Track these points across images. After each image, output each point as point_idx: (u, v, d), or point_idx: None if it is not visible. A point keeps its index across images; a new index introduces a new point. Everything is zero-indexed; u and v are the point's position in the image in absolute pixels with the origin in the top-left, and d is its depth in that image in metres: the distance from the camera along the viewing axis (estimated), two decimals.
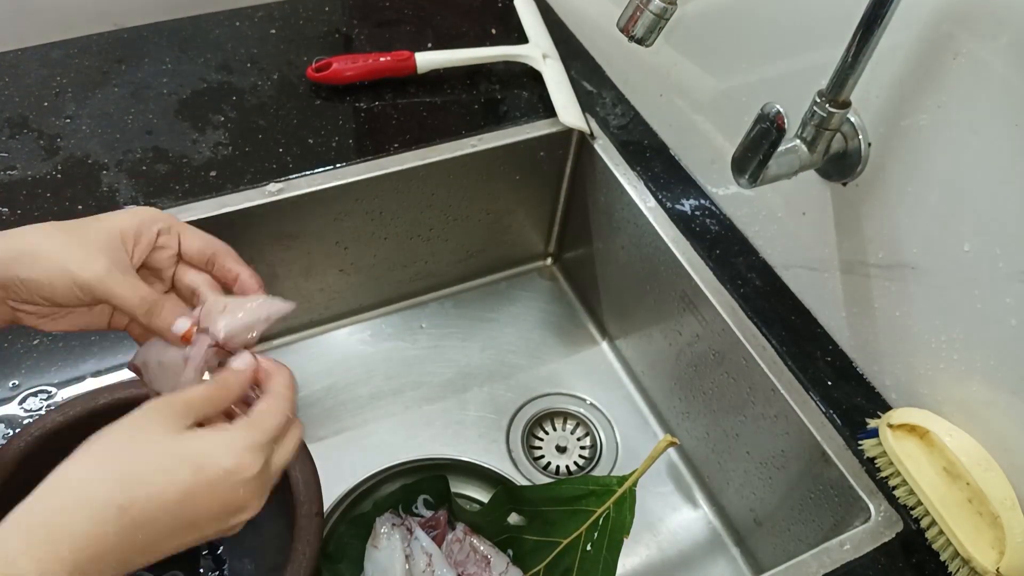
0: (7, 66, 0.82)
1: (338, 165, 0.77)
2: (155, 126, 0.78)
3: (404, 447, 0.81)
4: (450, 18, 0.95)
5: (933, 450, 0.58)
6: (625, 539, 0.59)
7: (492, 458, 0.81)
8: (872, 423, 0.62)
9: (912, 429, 0.59)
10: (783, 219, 0.70)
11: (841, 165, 0.61)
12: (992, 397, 0.55)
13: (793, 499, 0.68)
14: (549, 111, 0.84)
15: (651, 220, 0.77)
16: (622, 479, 0.61)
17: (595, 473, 0.82)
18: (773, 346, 0.68)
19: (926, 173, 0.56)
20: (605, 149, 0.82)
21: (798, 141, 0.57)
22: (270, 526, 0.58)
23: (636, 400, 0.88)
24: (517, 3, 0.95)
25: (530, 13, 0.93)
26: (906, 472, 0.58)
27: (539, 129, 0.83)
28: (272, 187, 0.74)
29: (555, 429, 0.85)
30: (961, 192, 0.54)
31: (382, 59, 0.84)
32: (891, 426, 0.59)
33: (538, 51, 0.88)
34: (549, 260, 0.99)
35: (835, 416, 0.64)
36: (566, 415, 0.86)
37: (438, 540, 0.65)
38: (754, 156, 0.55)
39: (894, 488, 0.60)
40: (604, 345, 0.93)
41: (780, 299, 0.71)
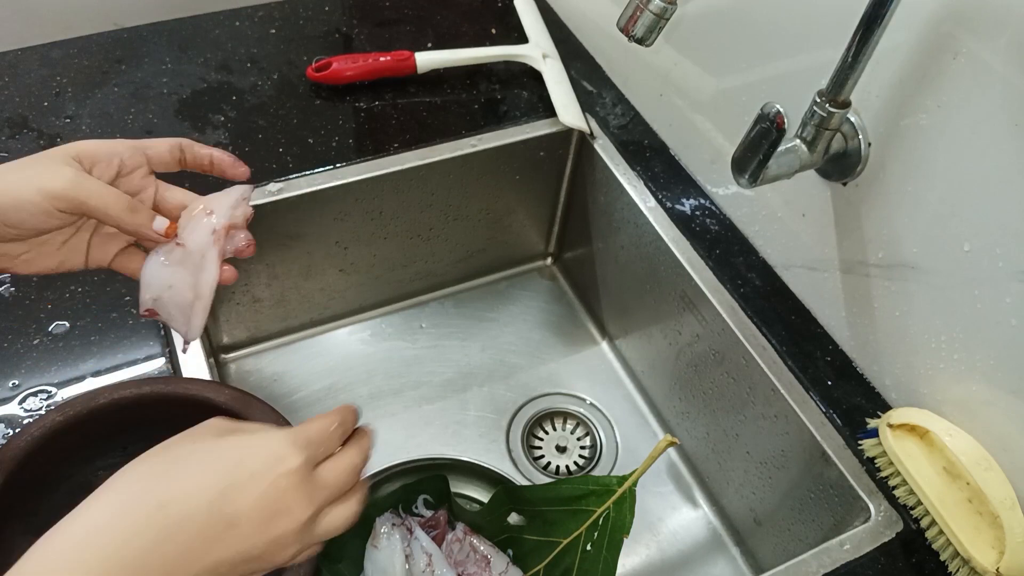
0: (7, 66, 0.82)
1: (338, 165, 0.77)
2: (155, 126, 0.78)
3: (404, 447, 0.81)
4: (450, 18, 0.95)
5: (933, 450, 0.58)
6: (625, 539, 0.59)
7: (492, 458, 0.81)
8: (872, 423, 0.62)
9: (912, 429, 0.59)
10: (783, 219, 0.70)
11: (841, 165, 0.61)
12: (992, 397, 0.55)
13: (793, 499, 0.68)
14: (549, 111, 0.84)
15: (651, 220, 0.77)
16: (622, 479, 0.61)
17: (595, 473, 0.82)
18: (773, 346, 0.68)
19: (926, 173, 0.56)
20: (605, 149, 0.83)
21: (798, 141, 0.57)
22: None
23: (636, 400, 0.88)
24: (517, 3, 0.95)
25: (530, 13, 0.93)
26: (906, 472, 0.58)
27: (539, 129, 0.83)
28: (272, 187, 0.74)
29: (555, 429, 0.85)
30: (961, 192, 0.54)
31: (382, 59, 0.84)
32: (891, 426, 0.59)
33: (538, 51, 0.88)
34: (549, 260, 0.99)
35: (835, 416, 0.64)
36: (566, 415, 0.86)
37: (438, 540, 0.65)
38: (754, 156, 0.55)
39: (894, 488, 0.60)
40: (604, 345, 0.93)
41: (780, 299, 0.71)
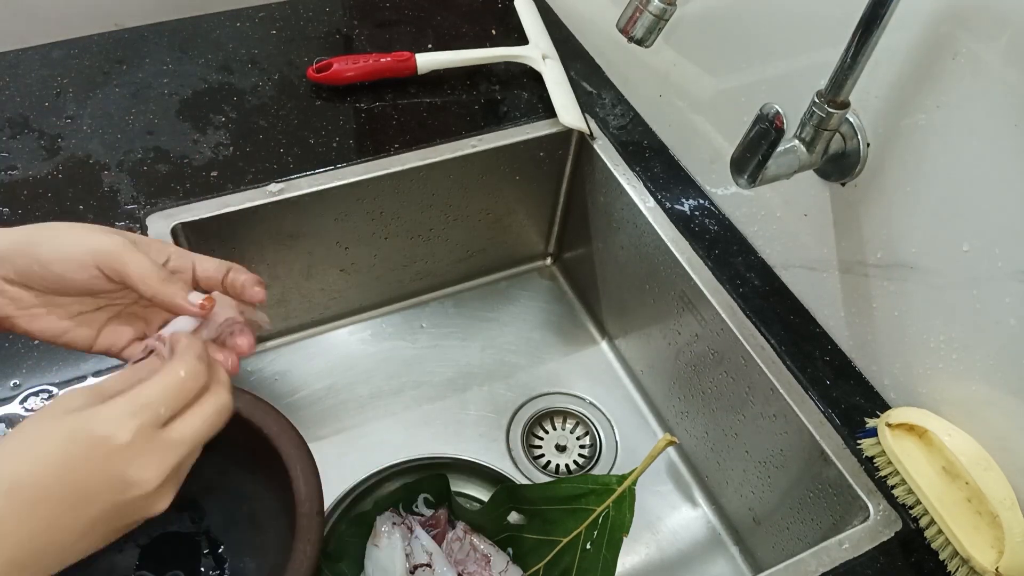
0: (8, 66, 0.82)
1: (339, 165, 0.77)
2: (156, 126, 0.78)
3: (404, 446, 0.81)
4: (450, 19, 0.95)
5: (932, 449, 0.58)
6: (624, 538, 0.59)
7: (492, 457, 0.81)
8: (871, 422, 0.62)
9: (911, 428, 0.59)
10: (782, 219, 0.70)
11: (840, 165, 0.61)
12: (991, 396, 0.55)
13: (792, 498, 0.68)
14: (549, 111, 0.84)
15: (650, 220, 0.77)
16: (621, 478, 0.61)
17: (594, 472, 0.82)
18: (772, 346, 0.68)
19: (925, 173, 0.56)
20: (605, 149, 0.83)
21: (797, 141, 0.57)
22: (271, 525, 0.58)
23: (635, 399, 0.88)
24: (517, 4, 0.95)
25: (530, 14, 0.94)
26: (905, 471, 0.58)
27: (539, 129, 0.83)
28: (273, 187, 0.74)
29: (555, 428, 0.86)
30: (960, 192, 0.54)
31: (382, 60, 0.84)
32: (890, 425, 0.59)
33: (538, 52, 0.88)
34: (549, 260, 0.99)
35: (834, 415, 0.64)
36: (566, 414, 0.87)
37: (438, 539, 0.65)
38: (753, 156, 0.55)
39: (893, 487, 0.60)
40: (604, 345, 0.93)
41: (779, 299, 0.71)
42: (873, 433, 0.61)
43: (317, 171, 0.76)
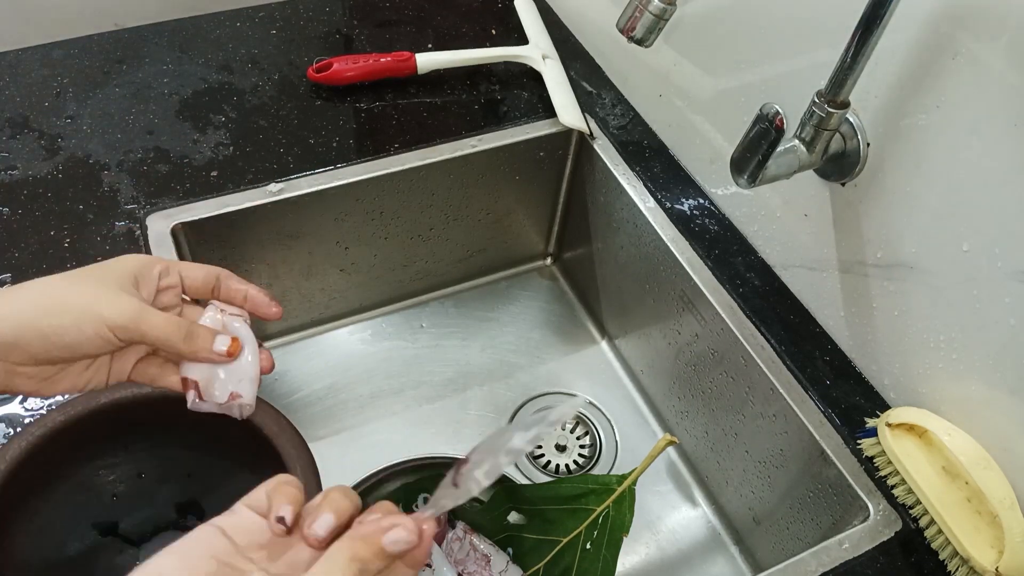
0: (8, 66, 0.82)
1: (339, 165, 0.77)
2: (156, 126, 0.78)
3: (404, 446, 0.81)
4: (450, 19, 0.95)
5: (932, 449, 0.58)
6: (624, 538, 0.59)
7: None
8: (871, 422, 0.62)
9: (911, 428, 0.59)
10: (782, 219, 0.70)
11: (840, 165, 0.61)
12: (991, 396, 0.55)
13: (792, 498, 0.68)
14: (549, 111, 0.84)
15: (650, 220, 0.77)
16: (621, 478, 0.61)
17: (595, 472, 0.82)
18: (772, 345, 0.68)
19: (925, 173, 0.56)
20: (604, 149, 0.83)
21: (797, 141, 0.57)
22: None
23: (635, 399, 0.88)
24: (517, 3, 0.95)
25: (530, 14, 0.94)
26: (905, 471, 0.58)
27: (539, 129, 0.83)
28: (273, 187, 0.74)
29: (555, 428, 0.86)
30: (960, 192, 0.54)
31: (382, 59, 0.84)
32: (890, 425, 0.59)
33: (538, 52, 0.88)
34: (549, 260, 0.99)
35: (834, 415, 0.64)
36: None
37: (438, 539, 0.65)
38: (753, 156, 0.55)
39: (893, 487, 0.60)
40: (603, 344, 0.93)
41: (779, 299, 0.71)
42: (873, 433, 0.61)
43: (317, 171, 0.76)
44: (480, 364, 0.89)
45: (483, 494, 0.73)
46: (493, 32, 0.94)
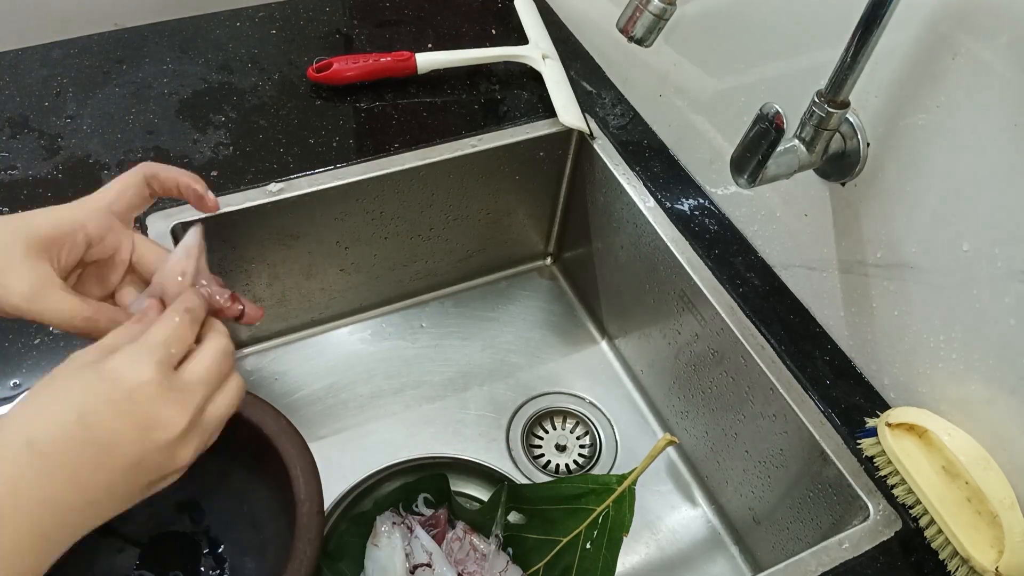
0: (7, 66, 0.82)
1: (339, 165, 0.77)
2: (156, 126, 0.78)
3: (404, 446, 0.81)
4: (450, 18, 0.95)
5: (932, 449, 0.58)
6: (624, 537, 0.59)
7: (492, 457, 0.81)
8: (871, 422, 0.62)
9: (911, 428, 0.59)
10: (782, 219, 0.70)
11: (840, 165, 0.61)
12: (991, 396, 0.55)
13: (792, 498, 0.68)
14: (549, 111, 0.84)
15: (650, 220, 0.77)
16: (621, 478, 0.61)
17: (594, 472, 0.82)
18: (772, 345, 0.68)
19: (925, 173, 0.56)
20: (604, 149, 0.83)
21: (797, 141, 0.57)
22: (271, 525, 0.58)
23: (635, 399, 0.88)
24: (517, 3, 0.95)
25: (530, 13, 0.94)
26: (905, 471, 0.58)
27: (539, 129, 0.83)
28: (273, 187, 0.74)
29: (555, 428, 0.86)
30: (960, 192, 0.54)
31: (382, 59, 0.84)
32: (890, 425, 0.59)
33: (538, 51, 0.88)
34: (549, 260, 0.99)
35: (834, 415, 0.64)
36: (566, 414, 0.87)
37: (438, 539, 0.65)
38: (753, 156, 0.55)
39: (893, 487, 0.60)
40: (603, 344, 0.93)
41: (779, 298, 0.71)
42: (873, 433, 0.61)
43: (317, 171, 0.76)
44: (480, 364, 0.89)
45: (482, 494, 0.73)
46: (493, 32, 0.94)
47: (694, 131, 0.78)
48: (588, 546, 0.61)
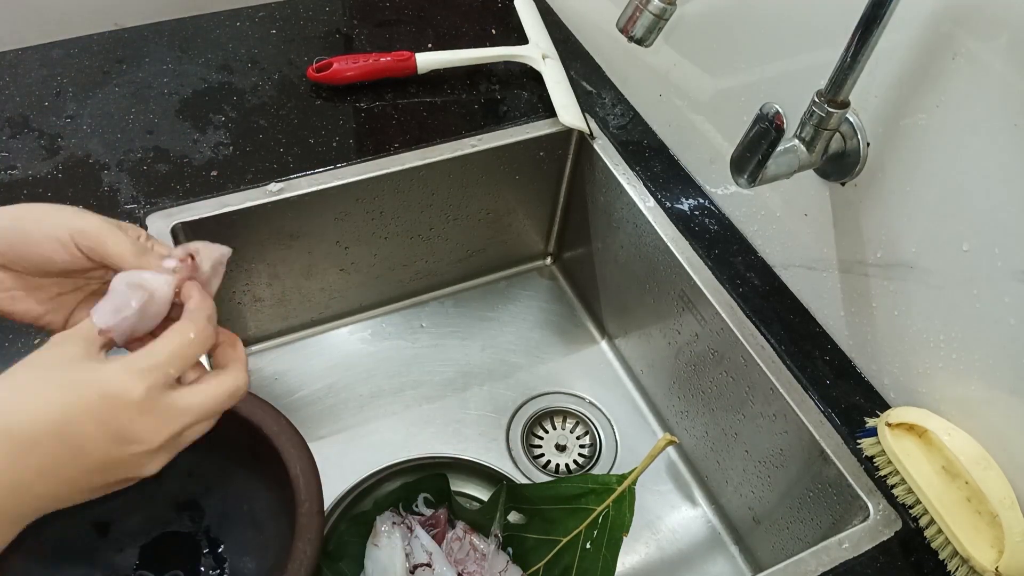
0: (7, 66, 0.82)
1: (338, 165, 0.77)
2: (156, 126, 0.78)
3: (404, 446, 0.81)
4: (450, 18, 0.95)
5: (932, 449, 0.58)
6: (624, 537, 0.59)
7: (492, 457, 0.81)
8: (871, 422, 0.62)
9: (911, 428, 0.59)
10: (782, 219, 0.71)
11: (840, 165, 0.61)
12: (991, 396, 0.55)
13: (792, 498, 0.68)
14: (549, 111, 0.84)
15: (650, 220, 0.77)
16: (621, 477, 0.61)
17: (594, 471, 0.82)
18: (772, 345, 0.68)
19: (925, 173, 0.56)
20: (604, 149, 0.83)
21: (797, 141, 0.57)
22: (271, 525, 0.58)
23: (635, 399, 0.88)
24: (517, 3, 0.95)
25: (530, 13, 0.94)
26: (905, 471, 0.58)
27: (539, 129, 0.83)
28: (273, 187, 0.74)
29: (555, 428, 0.86)
30: (960, 192, 0.54)
31: (382, 59, 0.84)
32: (889, 425, 0.59)
33: (538, 51, 0.88)
34: (549, 259, 0.99)
35: (834, 415, 0.64)
36: (566, 414, 0.87)
37: (438, 538, 0.65)
38: (753, 156, 0.55)
39: (893, 487, 0.60)
40: (603, 344, 0.93)
41: (779, 298, 0.71)
42: (873, 433, 0.61)
43: (317, 171, 0.76)
44: (480, 364, 0.89)
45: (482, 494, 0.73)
46: (493, 32, 0.94)
47: (694, 131, 0.78)
48: (588, 546, 0.61)
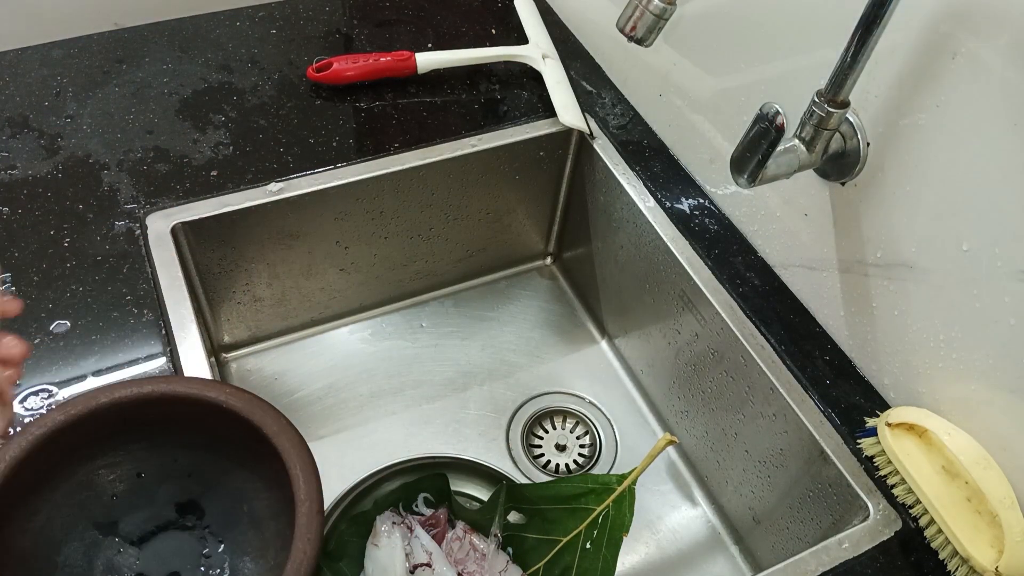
0: (7, 66, 0.82)
1: (338, 165, 0.77)
2: (156, 126, 0.78)
3: (404, 445, 0.81)
4: (450, 18, 0.95)
5: (932, 449, 0.58)
6: (624, 537, 0.59)
7: (492, 456, 0.81)
8: (871, 422, 0.62)
9: (911, 428, 0.59)
10: (782, 218, 0.71)
11: (840, 165, 0.61)
12: (991, 396, 0.55)
13: (792, 498, 0.68)
14: (549, 111, 0.84)
15: (650, 219, 0.77)
16: (621, 477, 0.61)
17: (594, 471, 0.82)
18: (772, 345, 0.68)
19: (925, 173, 0.56)
20: (604, 149, 0.83)
21: (797, 141, 0.57)
22: (271, 525, 0.58)
23: (635, 399, 0.88)
24: (517, 3, 0.95)
25: (530, 13, 0.94)
26: (905, 471, 0.58)
27: (539, 129, 0.83)
28: (273, 187, 0.74)
29: (554, 428, 0.86)
30: (960, 192, 0.54)
31: (382, 59, 0.84)
32: (889, 425, 0.59)
33: (538, 51, 0.88)
34: (549, 259, 0.99)
35: (834, 415, 0.64)
36: (565, 414, 0.87)
37: (438, 538, 0.65)
38: (753, 156, 0.55)
39: (893, 487, 0.60)
40: (603, 344, 0.93)
41: (779, 298, 0.71)
42: (873, 432, 0.61)
43: (317, 171, 0.76)
44: (480, 364, 0.89)
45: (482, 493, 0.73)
46: (493, 32, 0.94)
47: (694, 131, 0.78)
48: (588, 546, 0.61)
